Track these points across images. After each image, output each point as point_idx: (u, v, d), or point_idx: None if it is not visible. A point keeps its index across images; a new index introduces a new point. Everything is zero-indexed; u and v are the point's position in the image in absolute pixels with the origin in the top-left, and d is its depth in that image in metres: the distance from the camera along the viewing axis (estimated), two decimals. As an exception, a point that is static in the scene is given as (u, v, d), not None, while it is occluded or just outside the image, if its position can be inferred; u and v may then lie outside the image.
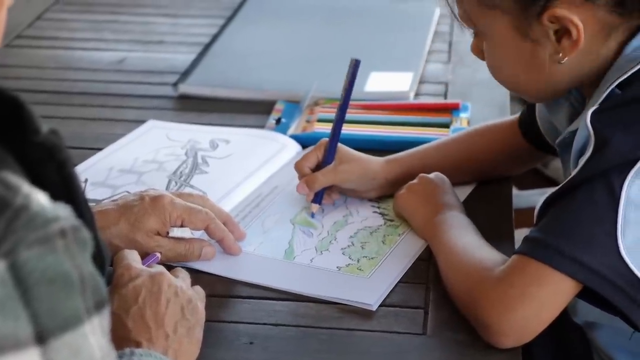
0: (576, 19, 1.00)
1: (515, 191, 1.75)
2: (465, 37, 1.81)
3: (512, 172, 1.35)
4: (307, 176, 1.25)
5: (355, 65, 1.26)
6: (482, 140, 1.33)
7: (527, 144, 1.30)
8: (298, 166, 1.27)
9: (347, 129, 1.42)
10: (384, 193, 1.29)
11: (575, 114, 1.12)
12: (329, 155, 1.26)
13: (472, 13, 1.07)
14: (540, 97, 1.16)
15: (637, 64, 1.00)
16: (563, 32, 1.01)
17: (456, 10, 1.10)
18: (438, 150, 1.32)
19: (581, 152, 1.01)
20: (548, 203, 1.03)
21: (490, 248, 1.10)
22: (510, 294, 0.99)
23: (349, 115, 1.47)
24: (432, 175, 1.25)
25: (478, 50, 1.12)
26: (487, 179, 1.32)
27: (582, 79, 1.07)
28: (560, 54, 1.03)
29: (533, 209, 1.58)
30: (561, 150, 1.12)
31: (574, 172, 1.00)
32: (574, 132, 1.05)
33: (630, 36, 1.03)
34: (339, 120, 1.27)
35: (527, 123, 1.29)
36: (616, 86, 1.00)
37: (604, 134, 0.98)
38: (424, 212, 1.19)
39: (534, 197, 1.62)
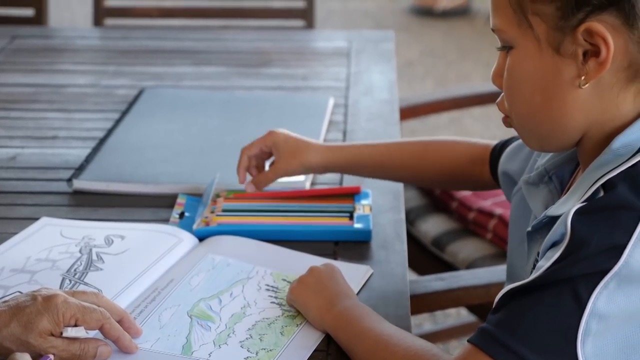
0: (610, 39, 1.00)
1: (412, 276, 1.77)
2: (359, 126, 1.84)
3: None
4: (257, 176, 1.49)
5: None
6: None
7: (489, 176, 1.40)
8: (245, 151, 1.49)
9: (245, 221, 1.43)
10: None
11: (551, 201, 1.13)
12: None
13: (508, 21, 1.05)
14: (546, 137, 1.09)
15: (624, 162, 1.00)
16: (591, 54, 1.01)
17: (491, 22, 1.08)
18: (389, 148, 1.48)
19: (552, 246, 0.99)
20: (511, 295, 1.00)
21: (417, 337, 1.10)
22: None
23: (247, 204, 1.48)
24: (321, 266, 1.26)
25: (499, 74, 1.09)
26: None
27: (588, 129, 1.05)
28: (583, 77, 1.02)
29: (429, 294, 1.61)
30: (530, 235, 1.12)
31: (541, 270, 0.98)
32: (549, 218, 1.05)
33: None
34: None
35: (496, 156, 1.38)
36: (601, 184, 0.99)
37: (580, 237, 0.97)
38: (319, 303, 1.20)
39: (431, 283, 1.64)
